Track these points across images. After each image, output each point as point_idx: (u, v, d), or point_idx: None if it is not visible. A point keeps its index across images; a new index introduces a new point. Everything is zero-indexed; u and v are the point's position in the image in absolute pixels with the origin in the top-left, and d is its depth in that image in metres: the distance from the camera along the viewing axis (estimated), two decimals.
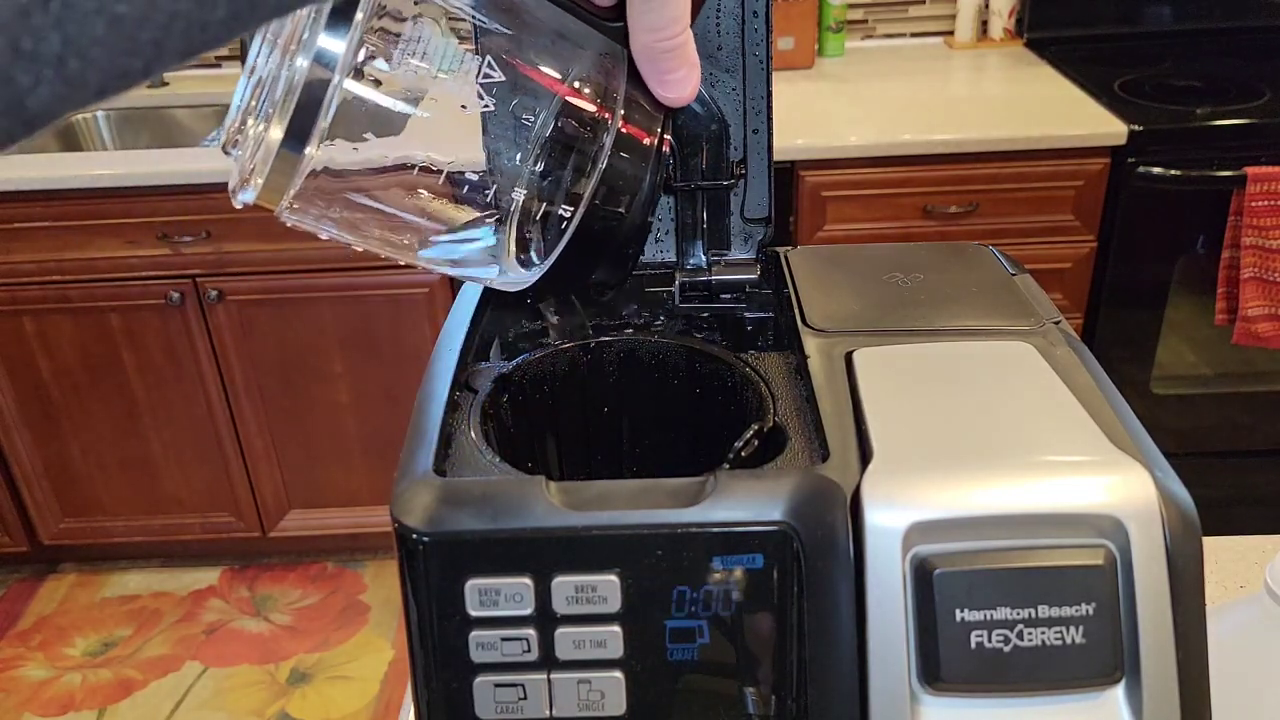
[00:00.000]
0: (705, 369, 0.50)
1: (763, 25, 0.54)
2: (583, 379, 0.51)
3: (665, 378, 0.51)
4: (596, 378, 0.51)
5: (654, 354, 0.51)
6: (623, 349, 0.51)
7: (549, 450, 0.52)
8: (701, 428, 0.51)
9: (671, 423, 0.52)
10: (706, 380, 0.50)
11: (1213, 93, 1.91)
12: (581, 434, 0.52)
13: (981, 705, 0.38)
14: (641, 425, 0.53)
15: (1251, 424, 2.02)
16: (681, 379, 0.51)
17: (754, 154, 0.56)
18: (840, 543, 0.38)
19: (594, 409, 0.52)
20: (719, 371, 0.49)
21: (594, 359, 0.51)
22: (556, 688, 0.39)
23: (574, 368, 0.51)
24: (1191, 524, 0.38)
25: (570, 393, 0.51)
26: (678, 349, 0.50)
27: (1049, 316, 0.51)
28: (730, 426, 0.44)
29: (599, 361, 0.51)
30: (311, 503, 2.14)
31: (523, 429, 0.49)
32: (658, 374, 0.51)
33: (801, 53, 2.15)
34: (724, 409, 0.49)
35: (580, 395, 0.51)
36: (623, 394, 0.52)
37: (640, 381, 0.52)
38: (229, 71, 2.32)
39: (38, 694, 1.96)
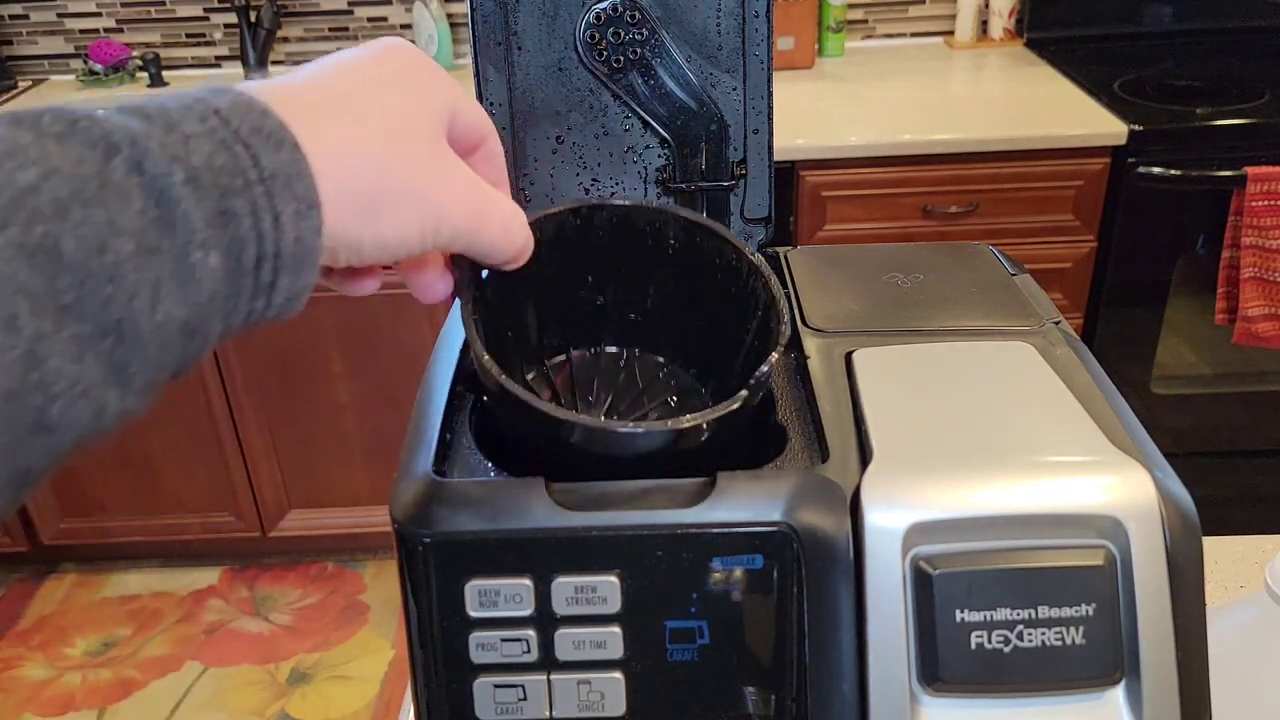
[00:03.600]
0: (707, 245, 0.46)
1: (763, 25, 0.54)
2: (570, 244, 0.47)
3: (659, 246, 0.47)
4: (585, 242, 0.48)
5: (650, 221, 0.47)
6: (616, 214, 0.47)
7: (527, 316, 0.49)
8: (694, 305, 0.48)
9: (659, 292, 0.49)
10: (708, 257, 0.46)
11: (1213, 93, 1.90)
12: (562, 298, 0.49)
13: (981, 706, 0.38)
14: (628, 297, 0.49)
15: (1251, 424, 2.02)
16: (676, 250, 0.47)
17: (754, 154, 0.56)
18: (840, 543, 0.38)
19: (579, 274, 0.49)
20: (723, 250, 0.46)
21: (583, 223, 0.47)
22: (556, 688, 0.39)
23: (561, 232, 0.47)
24: (1191, 524, 0.38)
25: (556, 259, 0.47)
26: (676, 220, 0.47)
27: (1049, 316, 0.51)
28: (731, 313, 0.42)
29: (589, 226, 0.47)
30: (311, 503, 2.14)
31: (501, 296, 0.46)
32: (651, 240, 0.47)
33: (801, 53, 2.15)
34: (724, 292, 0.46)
35: (567, 261, 0.48)
36: (611, 259, 0.48)
37: (631, 247, 0.48)
38: (229, 71, 2.32)
39: (38, 694, 1.96)
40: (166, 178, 0.27)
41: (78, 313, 0.25)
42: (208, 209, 0.28)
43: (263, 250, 0.29)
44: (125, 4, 2.28)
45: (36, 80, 2.33)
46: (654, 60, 0.54)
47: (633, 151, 0.57)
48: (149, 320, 0.26)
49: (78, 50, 2.31)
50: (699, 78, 0.55)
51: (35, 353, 0.24)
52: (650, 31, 0.54)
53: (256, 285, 0.30)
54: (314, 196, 0.31)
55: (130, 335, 0.26)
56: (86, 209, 0.25)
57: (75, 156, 0.26)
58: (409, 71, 0.36)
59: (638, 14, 0.53)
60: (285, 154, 0.30)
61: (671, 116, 0.56)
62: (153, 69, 2.23)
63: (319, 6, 2.28)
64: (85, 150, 0.26)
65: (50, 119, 0.26)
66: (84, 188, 0.25)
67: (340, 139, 0.32)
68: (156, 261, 0.26)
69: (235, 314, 0.30)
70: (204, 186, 0.28)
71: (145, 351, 0.27)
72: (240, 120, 0.29)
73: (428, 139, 0.36)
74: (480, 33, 0.54)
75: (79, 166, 0.26)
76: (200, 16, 2.29)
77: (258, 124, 0.30)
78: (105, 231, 0.25)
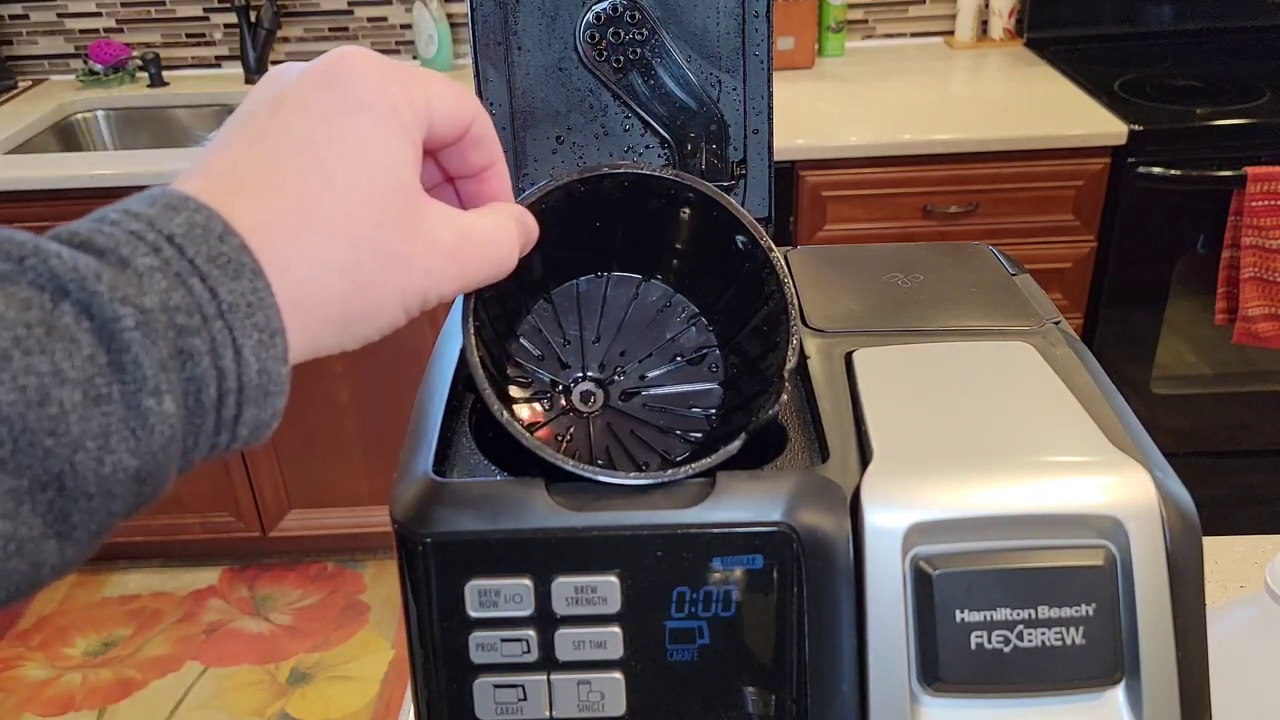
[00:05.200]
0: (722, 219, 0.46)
1: (763, 25, 0.54)
2: (579, 206, 0.46)
3: (674, 203, 0.47)
4: (596, 201, 0.47)
5: (666, 187, 0.46)
6: (628, 178, 0.46)
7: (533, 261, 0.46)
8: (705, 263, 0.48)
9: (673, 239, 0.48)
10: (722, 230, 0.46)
11: (1213, 93, 1.90)
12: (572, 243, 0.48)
13: (981, 706, 0.38)
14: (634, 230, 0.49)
15: (1251, 424, 2.02)
16: (692, 205, 0.47)
17: (754, 154, 0.56)
18: (840, 543, 0.38)
19: (587, 224, 0.48)
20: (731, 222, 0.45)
21: (591, 189, 0.46)
22: (556, 688, 0.39)
23: (570, 198, 0.46)
24: (1191, 524, 0.38)
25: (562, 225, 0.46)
26: (687, 189, 0.46)
27: (1049, 316, 0.51)
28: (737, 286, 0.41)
29: (599, 190, 0.46)
30: (311, 503, 2.14)
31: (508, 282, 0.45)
32: (664, 199, 0.47)
33: (801, 53, 2.15)
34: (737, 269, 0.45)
35: (576, 222, 0.47)
36: (621, 208, 0.47)
37: (643, 202, 0.47)
38: (229, 71, 2.32)
39: (38, 694, 1.96)
40: (115, 322, 0.25)
41: (14, 467, 0.24)
42: (162, 351, 0.26)
43: (224, 387, 0.28)
44: (125, 4, 2.28)
45: (36, 80, 2.33)
46: (654, 60, 0.54)
47: (633, 151, 0.57)
48: (95, 472, 0.25)
49: (78, 50, 2.31)
50: (699, 78, 0.55)
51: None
52: (650, 31, 0.54)
53: (219, 421, 0.28)
54: (277, 324, 0.29)
55: (73, 487, 0.25)
56: (28, 357, 0.24)
57: (21, 300, 0.24)
58: (371, 116, 0.33)
59: (638, 14, 0.53)
60: (245, 282, 0.28)
61: (671, 116, 0.56)
62: (153, 69, 2.23)
63: (319, 6, 2.28)
64: (33, 293, 0.25)
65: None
66: (27, 335, 0.24)
67: (310, 269, 0.30)
68: (105, 409, 0.25)
69: (196, 450, 0.28)
70: (157, 329, 0.26)
71: (90, 502, 0.25)
72: (196, 248, 0.28)
73: (401, 214, 0.33)
74: (480, 33, 0.54)
75: (24, 312, 0.24)
76: (200, 16, 2.29)
77: (215, 250, 0.28)
78: (49, 381, 0.24)
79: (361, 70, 0.33)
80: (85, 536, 0.26)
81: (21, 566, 0.24)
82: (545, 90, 0.55)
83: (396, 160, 0.33)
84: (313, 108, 0.32)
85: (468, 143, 0.38)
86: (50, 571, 0.25)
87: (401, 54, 2.32)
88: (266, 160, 0.31)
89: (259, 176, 0.31)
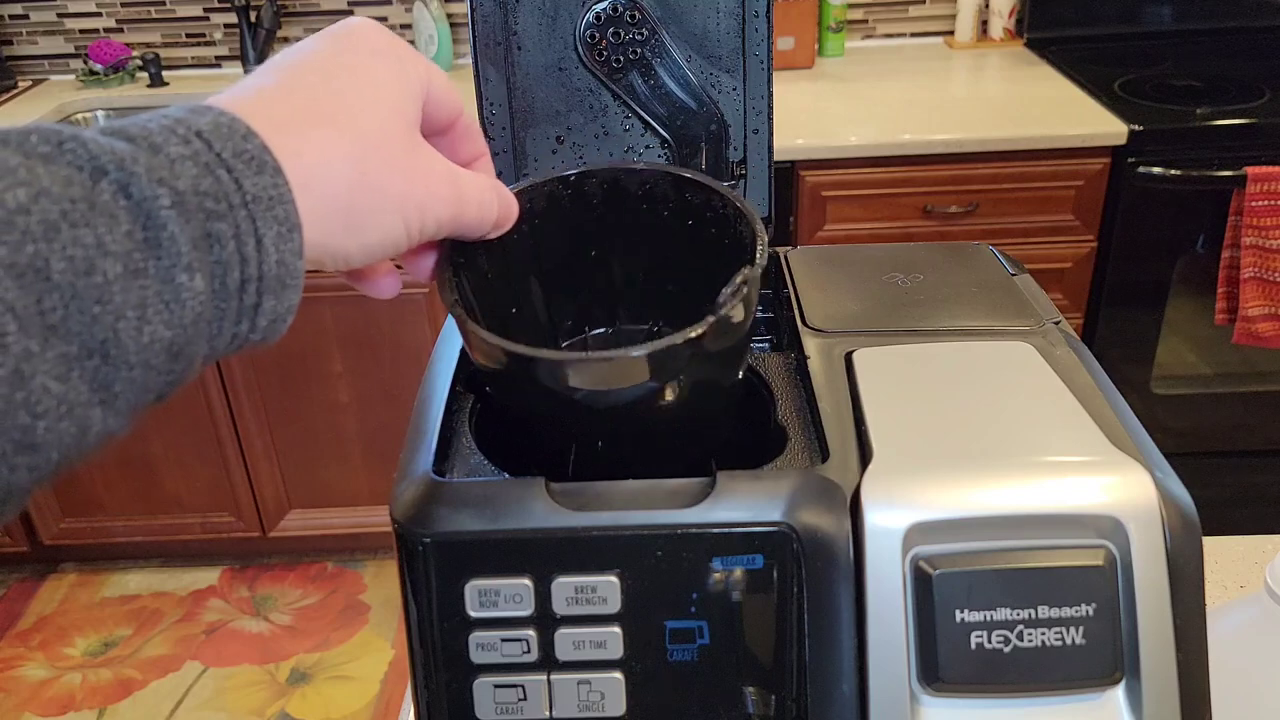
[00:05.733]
0: (696, 199, 0.46)
1: (763, 25, 0.54)
2: (564, 214, 0.47)
3: (655, 208, 0.47)
4: (579, 211, 0.47)
5: (641, 184, 0.47)
6: (606, 179, 0.47)
7: (533, 293, 0.48)
8: (695, 261, 0.47)
9: (662, 257, 0.49)
10: (698, 211, 0.46)
11: (1213, 93, 1.90)
12: (568, 274, 0.49)
13: (981, 706, 0.38)
14: (631, 259, 0.49)
15: (1251, 424, 2.02)
16: (671, 210, 0.47)
17: (754, 154, 0.56)
18: (840, 543, 0.38)
19: (578, 245, 0.48)
20: (711, 203, 0.46)
21: (574, 192, 0.47)
22: (556, 688, 0.39)
23: (553, 202, 0.47)
24: (1191, 524, 0.38)
25: (550, 230, 0.47)
26: (665, 177, 0.47)
27: (1049, 316, 0.51)
28: (726, 262, 0.41)
29: (580, 194, 0.47)
30: (311, 503, 2.14)
31: (501, 273, 0.46)
32: (645, 204, 0.47)
33: (801, 53, 2.15)
34: (718, 242, 0.45)
35: (563, 232, 0.47)
36: (608, 227, 0.48)
37: (627, 214, 0.48)
38: (229, 71, 2.32)
39: (38, 694, 1.96)
40: (153, 200, 0.27)
41: (64, 332, 0.25)
42: (193, 232, 0.28)
43: (246, 273, 0.30)
44: (125, 4, 2.28)
45: (36, 80, 2.33)
46: (654, 60, 0.54)
47: (632, 151, 0.56)
48: (135, 341, 0.27)
49: (78, 50, 2.31)
50: (699, 78, 0.55)
51: (22, 371, 0.24)
52: (650, 31, 0.54)
53: (241, 307, 0.30)
54: (295, 219, 0.31)
55: (116, 355, 0.26)
56: (75, 230, 0.25)
57: (63, 178, 0.26)
58: (379, 58, 0.36)
59: (638, 14, 0.53)
60: (266, 177, 0.30)
61: (671, 116, 0.56)
62: (153, 69, 2.23)
63: (319, 6, 2.28)
64: (73, 172, 0.26)
65: (37, 139, 0.26)
66: (73, 209, 0.26)
67: (319, 155, 0.33)
68: (143, 283, 0.27)
69: (220, 336, 0.30)
70: (190, 210, 0.28)
71: (130, 372, 0.27)
72: (223, 143, 0.30)
73: (403, 135, 0.36)
74: (480, 33, 0.54)
75: (67, 188, 0.26)
76: (200, 16, 2.29)
77: (240, 147, 0.30)
78: (93, 252, 0.26)
79: (374, 30, 0.38)
80: (125, 407, 0.27)
81: (70, 431, 0.26)
82: (545, 90, 0.55)
83: (399, 95, 0.36)
84: (327, 49, 0.36)
85: (459, 133, 0.41)
86: (94, 438, 0.27)
87: None
88: (283, 81, 0.34)
89: (276, 92, 0.34)
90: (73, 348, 0.25)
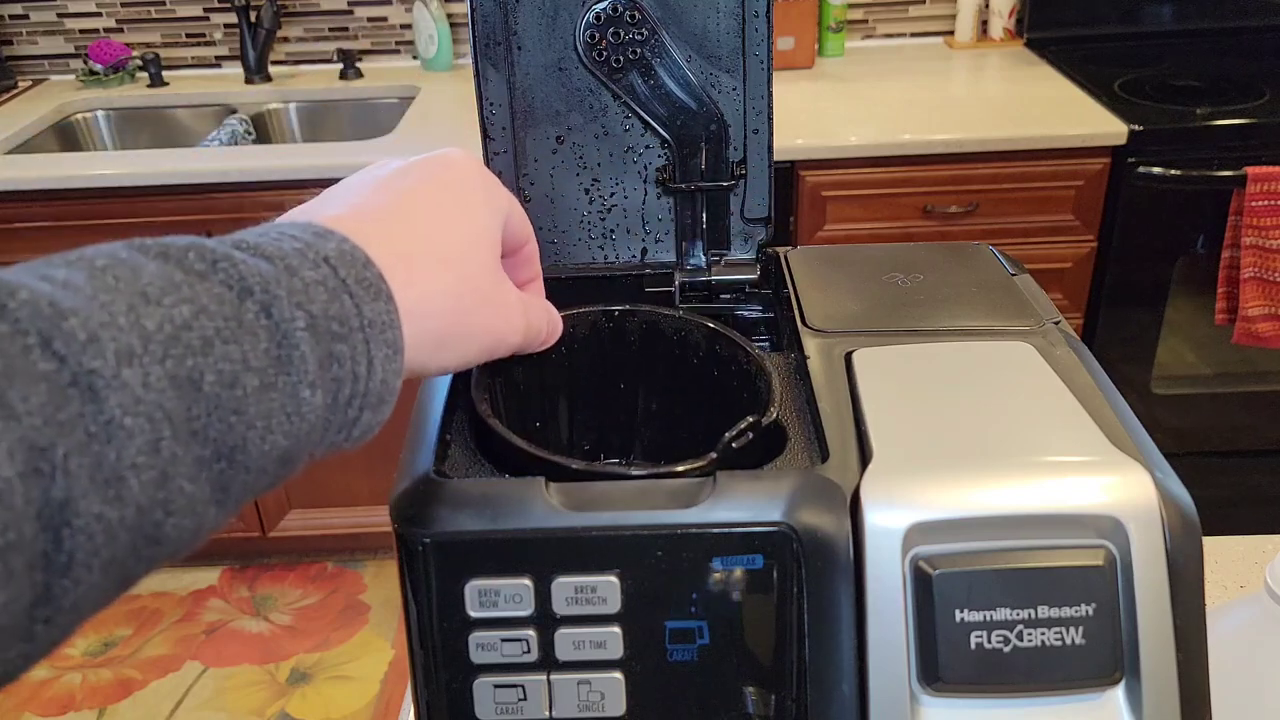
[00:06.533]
0: (724, 352, 0.50)
1: (763, 25, 0.54)
2: (602, 344, 0.51)
3: (684, 354, 0.51)
4: (616, 345, 0.51)
5: (676, 330, 0.51)
6: (645, 320, 0.51)
7: (560, 412, 0.52)
8: (714, 408, 0.51)
9: (684, 399, 0.52)
10: (724, 363, 0.50)
11: (1213, 93, 1.90)
12: (594, 399, 0.52)
13: (981, 706, 0.38)
14: (654, 397, 0.53)
15: (1251, 424, 2.02)
16: (700, 358, 0.51)
17: (754, 154, 0.56)
18: (840, 543, 0.38)
19: (609, 375, 0.52)
20: (736, 357, 0.49)
21: (615, 326, 0.51)
22: (556, 689, 0.39)
23: (594, 331, 0.50)
24: (1191, 524, 0.38)
25: (587, 356, 0.51)
26: (699, 328, 0.50)
27: (1049, 316, 0.51)
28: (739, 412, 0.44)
29: (620, 329, 0.51)
30: (311, 503, 2.14)
31: (534, 386, 0.49)
32: (677, 350, 0.51)
33: (801, 53, 2.15)
34: (738, 394, 0.49)
35: (597, 359, 0.51)
36: (640, 364, 0.52)
37: (658, 354, 0.51)
38: (229, 71, 2.32)
39: (38, 694, 1.96)
40: (291, 323, 0.30)
41: (204, 439, 0.27)
42: (321, 352, 0.31)
43: (355, 389, 0.33)
44: (125, 4, 2.28)
45: (36, 80, 2.33)
46: (654, 60, 0.54)
47: (633, 151, 0.57)
48: (258, 448, 0.29)
49: (78, 50, 2.31)
50: (699, 78, 0.55)
51: (167, 473, 0.26)
52: (650, 31, 0.54)
53: (344, 420, 0.33)
54: (400, 343, 0.34)
55: (240, 460, 0.29)
56: (226, 346, 0.28)
57: (216, 296, 0.29)
58: (469, 192, 0.41)
59: (638, 14, 0.53)
60: (381, 304, 0.33)
61: (671, 116, 0.56)
62: (153, 69, 2.23)
63: (319, 6, 2.28)
64: (224, 290, 0.29)
65: (194, 257, 0.29)
66: (225, 327, 0.28)
67: (425, 289, 0.36)
68: (272, 396, 0.29)
69: (321, 444, 0.33)
70: (320, 332, 0.31)
71: (248, 475, 0.29)
72: (347, 270, 0.33)
73: (494, 271, 0.40)
74: (480, 33, 0.54)
75: (221, 306, 0.28)
76: (200, 16, 2.29)
77: (361, 275, 0.33)
78: (239, 367, 0.28)
79: (471, 163, 0.42)
80: (233, 506, 0.29)
81: (190, 526, 0.28)
82: (545, 90, 0.55)
83: (491, 227, 0.41)
84: (434, 176, 0.40)
85: (521, 259, 0.46)
86: (203, 534, 0.29)
87: (402, 54, 2.32)
88: (394, 207, 0.38)
89: (390, 221, 0.37)
90: (207, 452, 0.27)
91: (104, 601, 0.27)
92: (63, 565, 0.24)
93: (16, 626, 0.23)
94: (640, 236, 0.58)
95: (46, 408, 0.24)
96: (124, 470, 0.25)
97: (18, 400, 0.23)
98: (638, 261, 0.58)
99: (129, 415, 0.25)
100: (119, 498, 0.25)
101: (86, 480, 0.24)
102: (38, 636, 0.24)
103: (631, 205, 0.57)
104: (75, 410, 0.24)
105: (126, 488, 0.25)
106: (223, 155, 1.88)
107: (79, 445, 0.24)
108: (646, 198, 0.57)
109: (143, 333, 0.26)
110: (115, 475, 0.25)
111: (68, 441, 0.24)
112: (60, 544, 0.24)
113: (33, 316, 0.25)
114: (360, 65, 2.26)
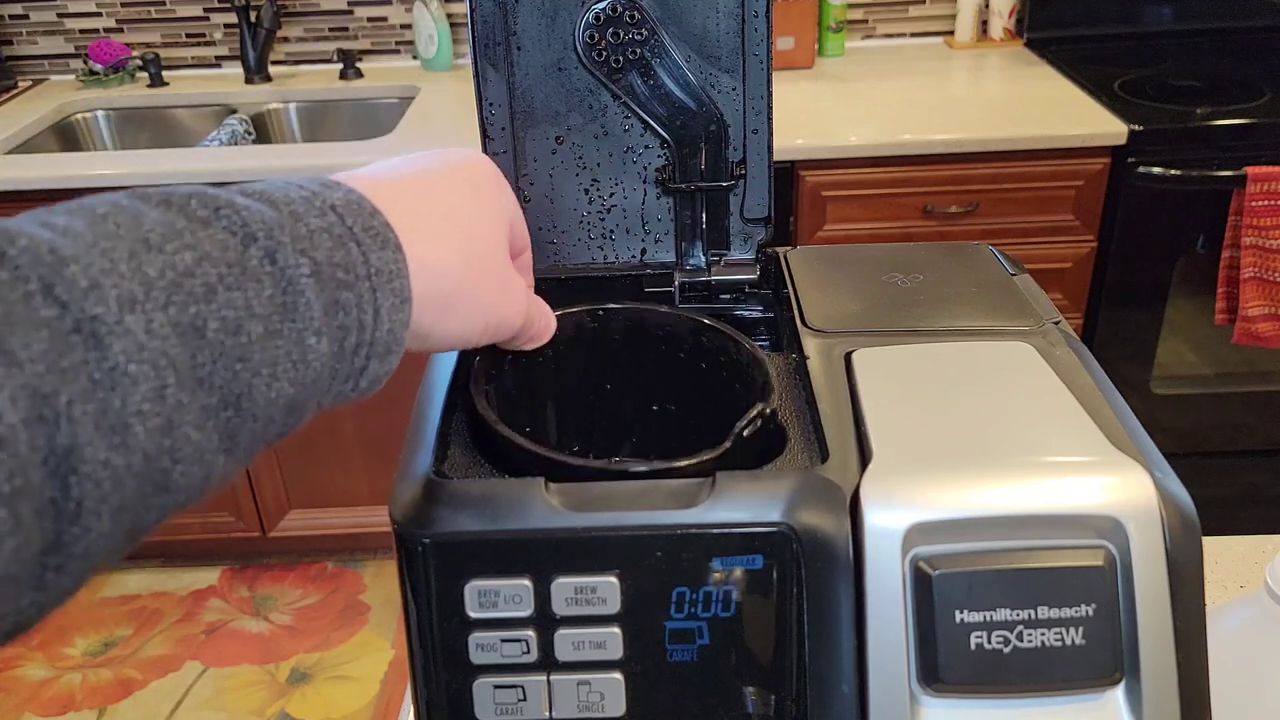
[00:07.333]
0: (712, 344, 0.50)
1: (763, 25, 0.54)
2: (588, 344, 0.51)
3: (671, 350, 0.51)
4: (602, 344, 0.51)
5: (661, 325, 0.51)
6: (630, 318, 0.51)
7: (548, 415, 0.52)
8: (705, 403, 0.51)
9: (674, 396, 0.52)
10: (712, 355, 0.50)
11: (1213, 93, 1.90)
12: (583, 400, 0.52)
13: (981, 706, 0.38)
14: (644, 395, 0.53)
15: (1251, 424, 2.02)
16: (688, 352, 0.51)
17: (754, 154, 0.56)
18: (840, 544, 0.38)
19: (597, 375, 0.52)
20: (726, 348, 0.49)
21: (600, 325, 0.51)
22: (556, 689, 0.39)
23: (580, 332, 0.50)
24: (1191, 524, 0.38)
25: (574, 357, 0.51)
26: (685, 321, 0.50)
27: (1049, 316, 0.51)
28: (734, 404, 0.44)
29: (605, 328, 0.51)
30: (311, 503, 2.14)
31: (524, 390, 0.49)
32: (664, 345, 0.51)
33: (801, 53, 2.15)
34: (729, 386, 0.48)
35: (584, 361, 0.51)
36: (627, 362, 0.52)
37: (646, 351, 0.51)
38: (229, 71, 2.32)
39: (38, 694, 1.96)
40: (295, 269, 0.30)
41: (209, 386, 0.27)
42: (325, 299, 0.31)
43: (361, 338, 0.33)
44: (125, 4, 2.28)
45: (36, 80, 2.33)
46: (654, 60, 0.54)
47: (632, 151, 0.57)
48: (264, 396, 0.29)
49: (78, 50, 2.31)
50: (699, 78, 0.55)
51: (172, 421, 0.26)
52: (650, 31, 0.54)
53: (351, 369, 0.33)
54: (408, 292, 0.34)
55: (247, 408, 0.29)
56: (229, 293, 0.28)
57: (220, 242, 0.28)
58: (484, 185, 0.42)
59: (637, 14, 0.53)
60: (389, 253, 0.33)
61: (671, 116, 0.56)
62: (153, 69, 2.22)
63: (319, 6, 2.28)
64: (228, 237, 0.29)
65: (197, 204, 0.29)
66: (228, 273, 0.28)
67: (431, 246, 0.36)
68: (277, 343, 0.29)
69: (329, 394, 0.33)
70: (324, 279, 0.31)
71: (255, 424, 0.29)
72: (354, 218, 0.33)
73: (497, 251, 0.41)
74: (480, 33, 0.54)
75: (224, 252, 0.28)
76: (200, 16, 2.29)
77: (368, 223, 0.33)
78: (242, 314, 0.28)
79: (486, 163, 0.43)
80: (243, 455, 0.30)
81: (200, 473, 0.28)
82: (545, 90, 0.55)
83: (500, 220, 0.42)
84: (450, 171, 0.41)
85: (519, 264, 0.46)
86: (215, 482, 0.29)
87: (402, 54, 2.32)
88: (410, 177, 0.38)
89: (403, 186, 0.37)
90: (213, 400, 0.27)
91: (116, 550, 0.27)
92: (71, 512, 0.24)
93: (28, 574, 0.23)
94: (640, 237, 0.58)
95: (49, 354, 0.24)
96: (129, 417, 0.25)
97: (19, 347, 0.23)
98: (637, 262, 0.58)
99: (133, 362, 0.25)
100: (125, 445, 0.25)
101: (91, 427, 0.24)
102: (49, 585, 0.24)
103: (631, 205, 0.57)
104: (78, 357, 0.24)
105: (132, 435, 0.25)
106: (223, 155, 1.88)
107: (83, 392, 0.24)
108: (646, 198, 0.57)
109: (144, 279, 0.26)
110: (120, 422, 0.25)
111: (71, 388, 0.24)
112: (68, 491, 0.24)
113: (33, 263, 0.24)
114: (360, 65, 2.26)
